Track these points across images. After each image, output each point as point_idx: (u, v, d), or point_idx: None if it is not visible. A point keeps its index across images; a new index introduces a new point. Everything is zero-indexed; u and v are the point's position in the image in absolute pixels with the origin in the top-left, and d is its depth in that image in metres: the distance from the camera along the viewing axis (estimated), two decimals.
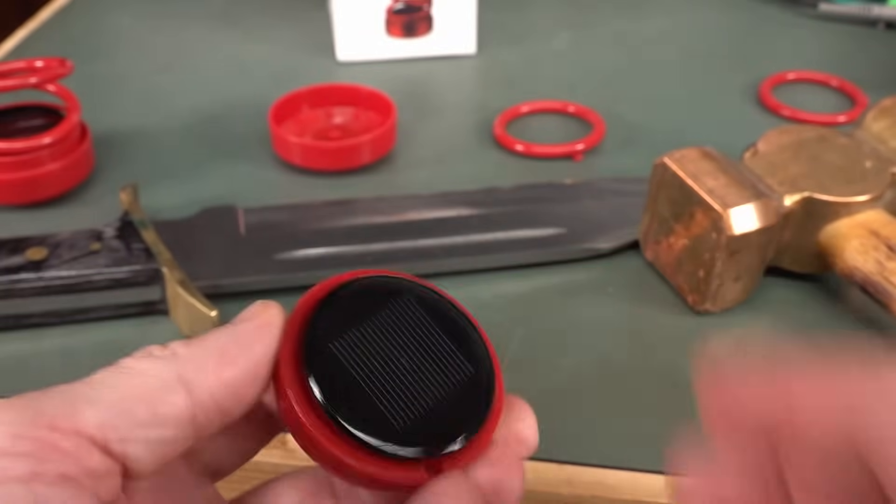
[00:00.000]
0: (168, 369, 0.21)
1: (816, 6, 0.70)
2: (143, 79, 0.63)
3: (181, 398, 0.20)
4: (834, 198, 0.40)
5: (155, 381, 0.21)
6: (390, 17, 0.62)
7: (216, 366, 0.21)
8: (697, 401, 0.23)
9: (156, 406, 0.20)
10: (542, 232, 0.46)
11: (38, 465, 0.19)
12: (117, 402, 0.20)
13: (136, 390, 0.20)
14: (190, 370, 0.21)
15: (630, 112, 0.58)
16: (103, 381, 0.21)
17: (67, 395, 0.20)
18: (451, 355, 0.22)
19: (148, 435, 0.20)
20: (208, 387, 0.21)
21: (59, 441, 0.19)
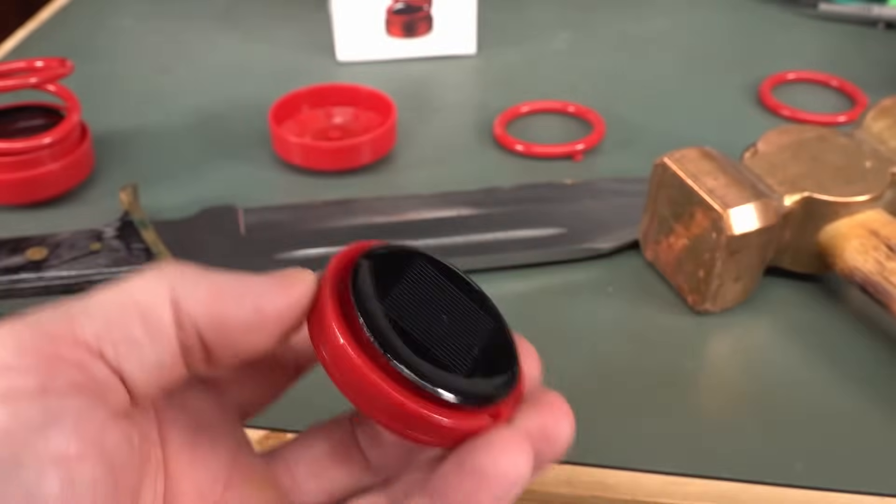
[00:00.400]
0: (165, 278, 0.21)
1: (816, 6, 0.70)
2: (143, 79, 0.63)
3: (168, 314, 0.20)
4: (834, 198, 0.40)
5: (147, 290, 0.21)
6: (390, 17, 0.62)
7: (209, 299, 0.21)
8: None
9: (146, 321, 0.20)
10: (542, 232, 0.46)
11: (48, 378, 0.19)
12: (110, 315, 0.20)
13: (127, 306, 0.20)
14: (185, 289, 0.21)
15: (630, 112, 0.58)
16: (97, 298, 0.21)
17: (63, 311, 0.20)
18: (474, 311, 0.23)
19: (141, 351, 0.20)
20: (195, 315, 0.21)
21: (64, 353, 0.19)
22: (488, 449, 0.20)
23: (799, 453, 0.35)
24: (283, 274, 0.22)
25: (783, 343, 0.40)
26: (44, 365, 0.19)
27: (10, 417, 0.18)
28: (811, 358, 0.40)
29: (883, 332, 0.41)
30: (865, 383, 0.38)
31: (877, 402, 0.37)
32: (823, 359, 0.40)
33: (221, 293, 0.21)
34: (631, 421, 0.37)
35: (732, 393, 0.38)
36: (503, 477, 0.20)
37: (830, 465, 0.35)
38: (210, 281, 0.21)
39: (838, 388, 0.38)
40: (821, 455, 0.35)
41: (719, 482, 0.34)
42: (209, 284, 0.21)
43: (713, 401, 0.38)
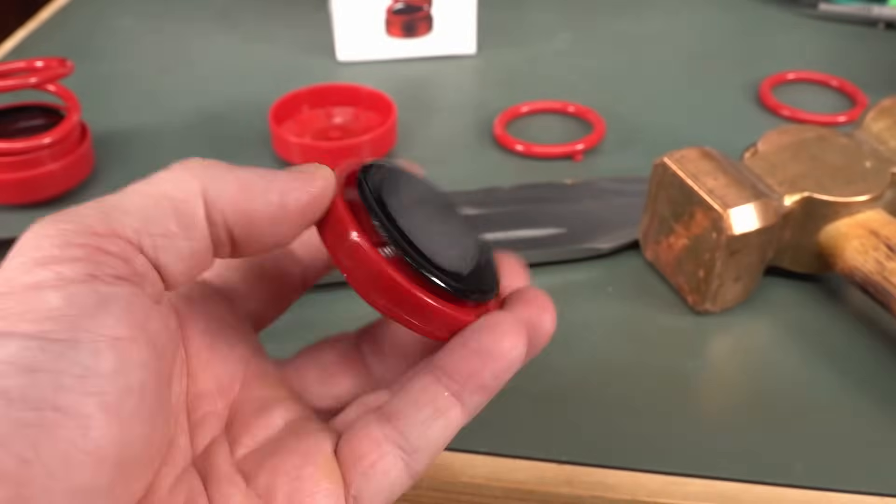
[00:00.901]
0: (195, 175, 0.22)
1: (816, 6, 0.70)
2: (144, 79, 0.63)
3: (199, 207, 0.22)
4: (834, 198, 0.40)
5: (178, 186, 0.22)
6: (390, 17, 0.62)
7: (236, 194, 0.22)
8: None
9: (180, 215, 0.22)
10: (542, 232, 0.46)
11: (94, 268, 0.20)
12: (147, 211, 0.21)
13: (161, 192, 0.22)
14: (214, 184, 0.22)
15: (630, 112, 0.58)
16: (132, 194, 0.22)
17: (102, 207, 0.21)
18: (461, 224, 0.25)
19: (176, 244, 0.22)
20: (224, 209, 0.22)
21: (107, 245, 0.21)
22: (492, 331, 0.23)
23: (799, 453, 0.35)
24: (305, 169, 0.23)
25: (783, 343, 0.40)
26: (90, 256, 0.20)
27: (65, 301, 0.19)
28: (811, 358, 0.40)
29: (883, 332, 0.41)
30: (865, 383, 0.38)
31: (877, 402, 0.37)
32: (823, 359, 0.40)
33: (248, 188, 0.22)
34: (631, 421, 0.37)
35: (732, 393, 0.38)
36: (504, 356, 0.23)
37: (830, 465, 0.35)
38: (236, 176, 0.22)
39: (838, 388, 0.38)
40: (821, 455, 0.35)
41: (719, 482, 0.34)
42: (236, 179, 0.22)
43: (713, 401, 0.38)
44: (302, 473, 0.23)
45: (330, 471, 0.23)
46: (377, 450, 0.23)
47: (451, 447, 0.35)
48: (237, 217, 0.22)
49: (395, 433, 0.24)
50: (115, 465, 0.19)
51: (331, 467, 0.23)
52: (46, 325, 0.19)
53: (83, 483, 0.18)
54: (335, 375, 0.27)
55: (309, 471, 0.23)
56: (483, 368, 0.23)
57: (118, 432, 0.19)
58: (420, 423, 0.24)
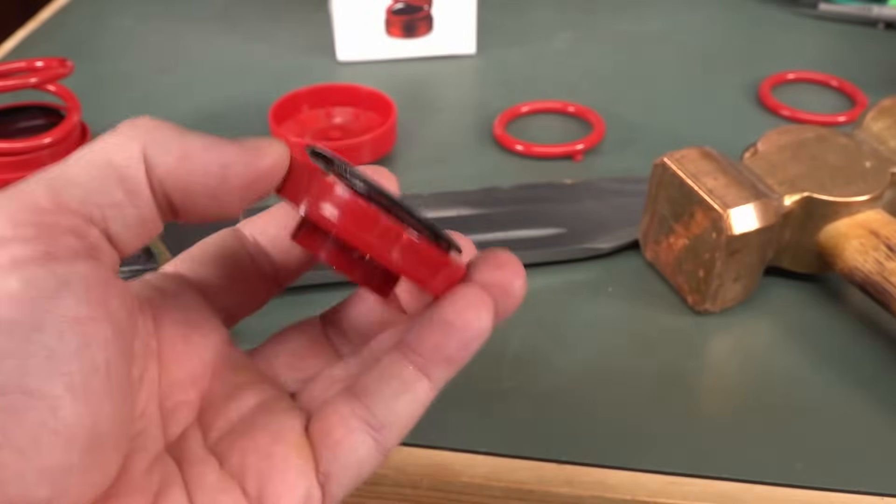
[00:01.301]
0: (137, 138, 0.22)
1: (816, 6, 0.70)
2: (144, 79, 0.63)
3: (141, 172, 0.21)
4: (834, 198, 0.40)
5: (121, 150, 0.21)
6: (390, 17, 0.62)
7: (176, 162, 0.21)
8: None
9: (125, 183, 0.21)
10: (542, 232, 0.46)
11: (49, 246, 0.20)
12: (91, 181, 0.21)
13: (105, 169, 0.21)
14: (154, 149, 0.21)
15: (630, 112, 0.58)
16: (75, 164, 0.21)
17: (44, 182, 0.21)
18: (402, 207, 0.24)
19: (124, 212, 0.21)
20: (163, 177, 0.22)
21: (58, 220, 0.20)
22: (453, 303, 0.23)
23: (799, 453, 0.35)
24: (256, 143, 0.23)
25: (783, 343, 0.40)
26: (43, 234, 0.20)
27: (24, 284, 0.19)
28: (811, 358, 0.40)
29: (883, 332, 0.41)
30: (865, 383, 0.38)
31: (877, 402, 0.37)
32: (823, 359, 0.40)
33: (189, 157, 0.22)
34: (631, 421, 0.37)
35: (732, 393, 0.38)
36: (469, 327, 0.23)
37: (830, 465, 0.35)
38: (181, 143, 0.22)
39: (838, 388, 0.38)
40: (821, 455, 0.35)
41: (719, 482, 0.34)
42: (179, 147, 0.22)
43: (713, 401, 0.38)
44: (273, 451, 0.23)
45: (300, 448, 0.23)
46: (345, 426, 0.24)
47: (452, 447, 0.35)
48: (175, 186, 0.22)
49: (363, 409, 0.24)
50: (86, 444, 0.19)
51: (301, 444, 0.24)
52: (8, 311, 0.19)
53: (55, 462, 0.19)
54: (305, 359, 0.27)
55: (279, 449, 0.23)
56: (447, 341, 0.23)
57: (86, 411, 0.19)
58: (387, 399, 0.24)
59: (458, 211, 0.47)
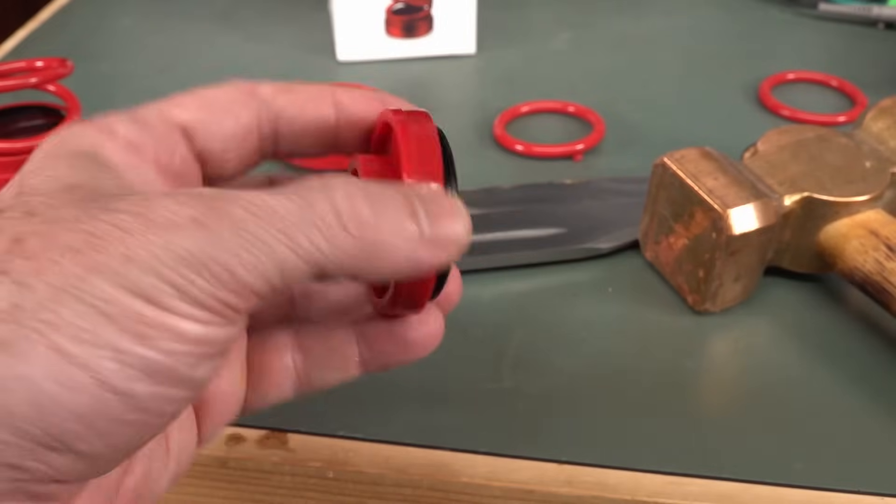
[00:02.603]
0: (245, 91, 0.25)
1: (816, 6, 0.70)
2: (144, 79, 0.63)
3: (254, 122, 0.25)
4: (834, 198, 0.40)
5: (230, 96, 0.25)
6: (390, 17, 0.62)
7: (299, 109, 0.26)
8: None
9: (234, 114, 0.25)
10: (542, 232, 0.46)
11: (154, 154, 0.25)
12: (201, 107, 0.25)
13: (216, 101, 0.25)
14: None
15: (630, 112, 0.58)
16: (193, 92, 0.26)
17: (163, 105, 0.26)
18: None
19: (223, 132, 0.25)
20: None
21: (165, 134, 0.25)
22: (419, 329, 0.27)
23: (799, 453, 0.35)
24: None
25: (783, 343, 0.40)
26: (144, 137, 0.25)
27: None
28: (811, 358, 0.40)
29: (883, 332, 0.41)
30: (865, 383, 0.38)
31: (877, 402, 0.37)
32: (823, 359, 0.40)
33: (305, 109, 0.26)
34: (631, 421, 0.37)
35: (732, 393, 0.38)
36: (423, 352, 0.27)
37: (830, 465, 0.35)
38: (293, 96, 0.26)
39: (838, 388, 0.38)
40: (821, 455, 0.35)
41: (719, 482, 0.34)
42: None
43: (713, 401, 0.38)
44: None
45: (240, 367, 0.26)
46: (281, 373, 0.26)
47: (452, 447, 0.35)
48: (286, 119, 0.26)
49: (302, 365, 0.26)
50: None
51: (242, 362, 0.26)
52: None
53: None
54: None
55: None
56: (400, 356, 0.26)
57: None
58: (324, 368, 0.26)
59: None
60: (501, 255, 0.44)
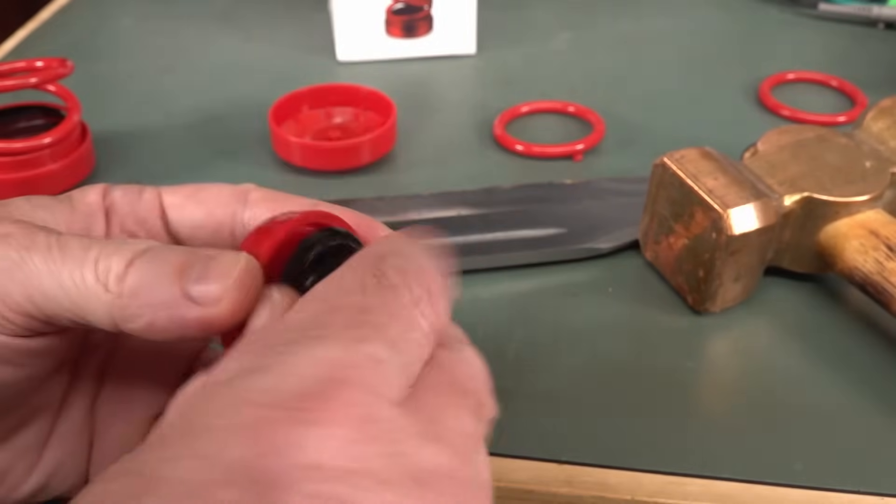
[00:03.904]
0: (104, 303, 0.23)
1: (816, 6, 0.70)
2: (144, 79, 0.63)
3: (106, 323, 0.23)
4: (834, 198, 0.40)
5: (90, 307, 0.23)
6: (390, 17, 0.62)
7: (146, 327, 0.23)
8: None
9: (84, 319, 0.23)
10: (542, 232, 0.46)
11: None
12: (55, 296, 0.23)
13: (71, 301, 0.23)
14: (119, 316, 0.23)
15: (630, 112, 0.58)
16: (51, 270, 0.23)
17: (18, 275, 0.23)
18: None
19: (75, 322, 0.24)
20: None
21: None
22: None
23: (799, 453, 0.35)
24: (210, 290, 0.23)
25: (783, 343, 0.40)
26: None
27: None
28: (811, 358, 0.40)
29: (883, 332, 0.41)
30: (865, 383, 0.38)
31: (877, 403, 0.37)
32: (823, 359, 0.40)
33: (152, 325, 0.23)
34: (631, 421, 0.37)
35: (732, 393, 0.38)
36: None
37: (830, 465, 0.35)
38: (150, 308, 0.23)
39: (838, 388, 0.38)
40: (821, 455, 0.35)
41: (719, 482, 0.34)
42: (149, 317, 0.23)
43: (713, 401, 0.38)
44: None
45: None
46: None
47: None
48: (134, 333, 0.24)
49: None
50: None
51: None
52: None
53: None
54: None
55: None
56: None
57: None
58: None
59: (458, 211, 0.47)
60: (501, 255, 0.44)
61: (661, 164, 0.42)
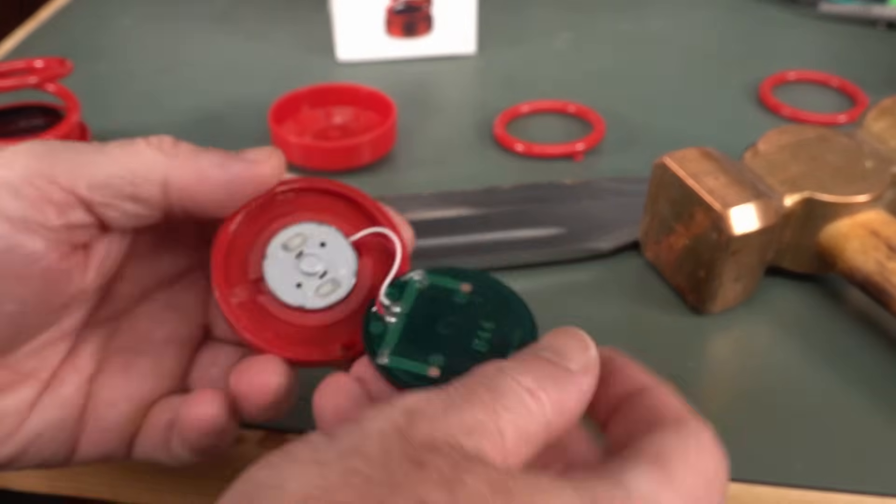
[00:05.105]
0: (161, 163, 0.26)
1: (816, 6, 0.70)
2: (144, 79, 0.63)
3: (157, 190, 0.26)
4: (834, 198, 0.40)
5: (145, 168, 0.26)
6: (390, 16, 0.62)
7: (196, 181, 0.27)
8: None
9: (137, 188, 0.26)
10: (542, 232, 0.46)
11: (31, 212, 0.25)
12: (113, 175, 0.26)
13: (131, 171, 0.26)
14: (175, 173, 0.26)
15: (630, 112, 0.58)
16: (108, 152, 0.26)
17: (76, 157, 0.26)
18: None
19: (124, 206, 0.26)
20: (180, 192, 0.27)
21: (56, 196, 0.25)
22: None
23: (799, 453, 0.35)
24: (257, 156, 0.28)
25: (783, 343, 0.40)
26: (37, 200, 0.25)
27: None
28: (811, 358, 0.40)
29: (883, 332, 0.41)
30: (865, 383, 0.38)
31: (877, 402, 0.37)
32: (823, 359, 0.40)
33: (204, 178, 0.27)
34: None
35: (732, 393, 0.38)
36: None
37: (830, 465, 0.35)
38: (196, 165, 0.27)
39: (838, 388, 0.38)
40: (821, 455, 0.35)
41: None
42: (195, 170, 0.27)
43: (713, 401, 0.38)
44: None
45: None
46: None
47: None
48: (190, 199, 0.27)
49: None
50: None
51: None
52: None
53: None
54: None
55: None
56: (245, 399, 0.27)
57: None
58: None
59: (458, 211, 0.47)
60: (501, 255, 0.44)
61: (662, 164, 0.42)
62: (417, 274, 0.28)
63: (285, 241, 0.29)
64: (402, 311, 0.27)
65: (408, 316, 0.27)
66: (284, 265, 0.29)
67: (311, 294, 0.28)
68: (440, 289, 0.28)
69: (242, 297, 0.28)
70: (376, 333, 0.27)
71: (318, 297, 0.28)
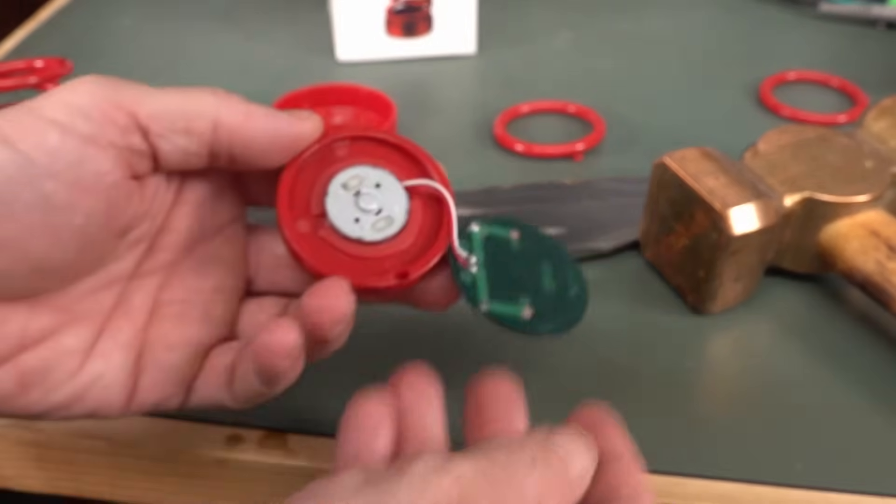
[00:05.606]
0: (215, 104, 0.28)
1: (816, 6, 0.70)
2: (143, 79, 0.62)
3: (208, 127, 0.28)
4: (834, 198, 0.40)
5: (199, 105, 0.28)
6: (390, 16, 0.62)
7: (244, 123, 0.28)
8: None
9: (190, 122, 0.28)
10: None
11: (98, 130, 0.26)
12: (170, 108, 0.28)
13: (186, 106, 0.28)
14: (226, 113, 0.28)
15: (630, 112, 0.58)
16: (166, 90, 0.28)
17: (137, 88, 0.28)
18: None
19: (177, 140, 0.28)
20: (230, 134, 0.28)
21: (119, 118, 0.27)
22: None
23: (799, 453, 0.35)
24: (299, 114, 0.30)
25: (783, 343, 0.40)
26: (103, 120, 0.27)
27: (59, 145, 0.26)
28: (811, 358, 0.40)
29: (883, 332, 0.41)
30: (865, 383, 0.38)
31: (877, 402, 0.37)
32: (823, 359, 0.40)
33: (252, 119, 0.29)
34: (631, 421, 0.37)
35: (732, 393, 0.38)
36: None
37: (830, 465, 0.35)
38: (246, 109, 0.29)
39: (838, 388, 0.38)
40: (821, 455, 0.35)
41: (719, 482, 0.34)
42: (245, 112, 0.29)
43: (713, 401, 0.38)
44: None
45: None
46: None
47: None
48: (238, 141, 0.28)
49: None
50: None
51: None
52: (35, 153, 0.25)
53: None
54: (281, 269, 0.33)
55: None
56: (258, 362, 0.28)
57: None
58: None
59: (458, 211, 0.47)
60: None
61: (662, 164, 0.42)
62: (475, 225, 0.32)
63: (345, 181, 0.31)
64: (479, 260, 0.31)
65: (485, 264, 0.31)
66: (344, 202, 0.31)
67: (368, 228, 0.30)
68: (497, 238, 0.32)
69: (305, 230, 0.30)
70: (469, 282, 0.30)
71: (375, 231, 0.31)
